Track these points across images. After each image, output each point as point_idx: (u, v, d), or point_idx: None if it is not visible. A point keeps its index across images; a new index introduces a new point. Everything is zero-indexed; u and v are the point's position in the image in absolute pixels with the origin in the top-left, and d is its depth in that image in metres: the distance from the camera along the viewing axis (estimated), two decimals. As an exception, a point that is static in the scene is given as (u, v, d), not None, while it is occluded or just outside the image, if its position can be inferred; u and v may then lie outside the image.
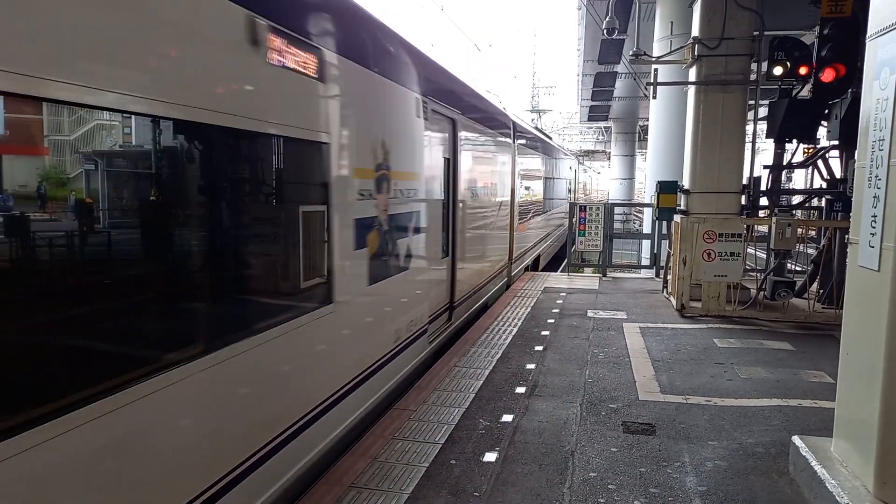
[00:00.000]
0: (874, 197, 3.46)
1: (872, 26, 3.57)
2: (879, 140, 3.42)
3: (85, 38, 2.31)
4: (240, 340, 3.28)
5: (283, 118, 3.66)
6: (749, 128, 9.59)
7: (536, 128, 19.70)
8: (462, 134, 7.89)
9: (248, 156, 3.62)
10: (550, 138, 23.79)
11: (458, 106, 7.63)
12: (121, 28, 2.48)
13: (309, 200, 4.12)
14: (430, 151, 6.58)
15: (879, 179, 3.41)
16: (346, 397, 4.59)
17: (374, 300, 5.20)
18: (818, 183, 10.03)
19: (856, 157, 3.79)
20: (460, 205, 8.01)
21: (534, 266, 15.61)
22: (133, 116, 2.69)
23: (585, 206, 13.05)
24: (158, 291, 2.89)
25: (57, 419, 2.20)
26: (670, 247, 10.46)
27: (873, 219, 3.46)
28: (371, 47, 5.11)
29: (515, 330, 8.03)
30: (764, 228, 9.40)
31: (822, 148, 9.65)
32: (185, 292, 3.06)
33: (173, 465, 2.84)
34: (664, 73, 11.52)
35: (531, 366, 6.48)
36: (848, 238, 3.82)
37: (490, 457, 4.38)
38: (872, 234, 3.47)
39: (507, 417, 5.09)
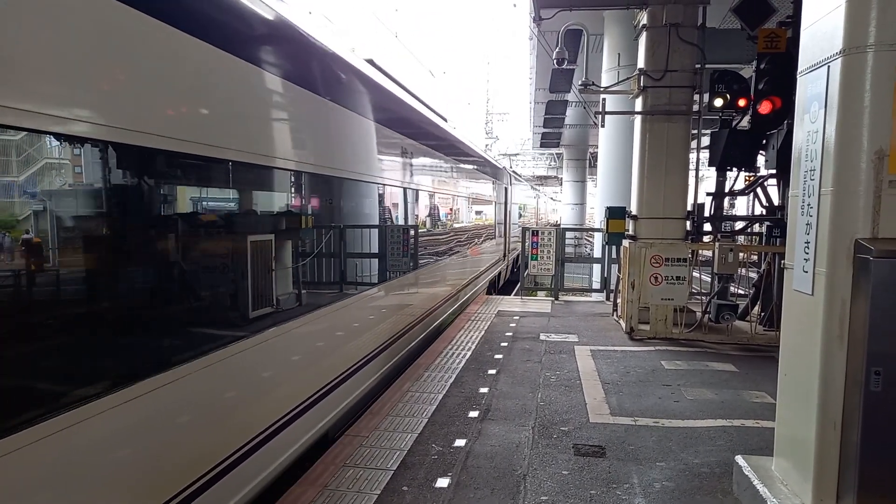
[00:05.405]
0: (807, 224, 3.63)
1: (802, 63, 3.78)
2: (811, 170, 3.60)
3: None
4: None
5: None
6: (693, 156, 9.95)
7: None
8: None
9: None
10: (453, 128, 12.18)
11: None
12: None
13: None
14: None
15: (811, 207, 3.58)
16: None
17: None
18: (759, 210, 10.45)
19: (790, 186, 3.97)
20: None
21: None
22: None
23: (538, 231, 13.26)
24: None
25: None
26: (619, 271, 10.69)
27: (806, 245, 3.63)
28: None
29: (469, 354, 8.04)
30: (708, 253, 9.70)
31: (761, 176, 10.07)
32: None
33: None
34: (612, 102, 11.90)
35: (484, 389, 6.49)
36: (784, 263, 3.99)
37: (442, 482, 4.35)
38: (806, 260, 3.63)
39: (460, 442, 5.08)
